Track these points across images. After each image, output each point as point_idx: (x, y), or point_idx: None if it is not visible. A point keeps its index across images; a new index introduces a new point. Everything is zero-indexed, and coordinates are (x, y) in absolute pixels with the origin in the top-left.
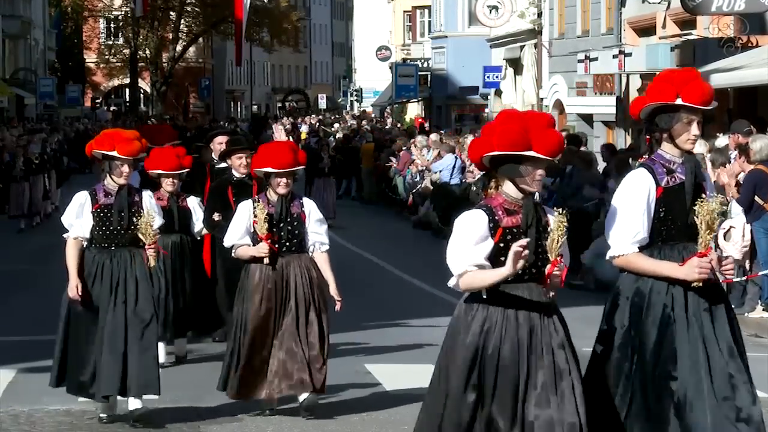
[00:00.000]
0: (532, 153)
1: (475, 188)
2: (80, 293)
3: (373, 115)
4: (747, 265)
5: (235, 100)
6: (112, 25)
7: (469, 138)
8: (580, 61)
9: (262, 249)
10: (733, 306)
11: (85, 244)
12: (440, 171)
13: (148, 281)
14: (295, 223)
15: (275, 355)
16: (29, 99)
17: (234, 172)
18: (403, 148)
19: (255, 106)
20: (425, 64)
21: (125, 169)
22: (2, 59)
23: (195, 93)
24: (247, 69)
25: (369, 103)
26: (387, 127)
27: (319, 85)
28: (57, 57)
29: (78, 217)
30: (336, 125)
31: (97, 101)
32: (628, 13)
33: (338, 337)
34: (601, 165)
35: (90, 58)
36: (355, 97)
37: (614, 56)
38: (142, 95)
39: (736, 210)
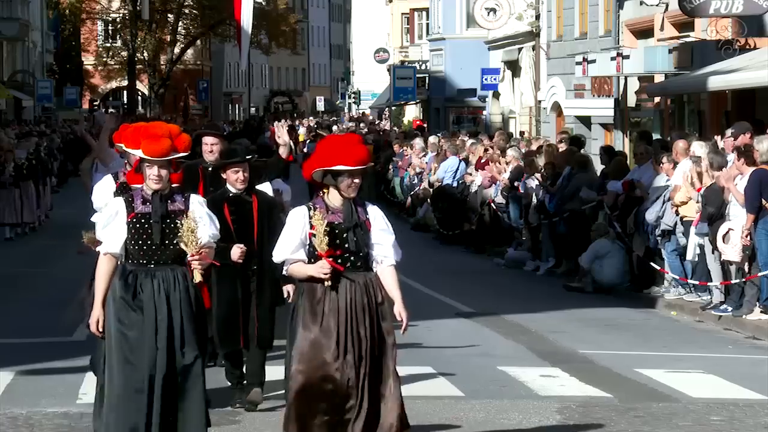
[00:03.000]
0: None
1: (474, 190)
2: (100, 330)
3: (371, 117)
4: (746, 267)
5: (234, 103)
6: (110, 28)
7: (469, 140)
8: (578, 63)
9: (323, 268)
10: (731, 308)
11: (119, 260)
12: (444, 172)
13: (193, 308)
14: (362, 233)
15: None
16: (27, 101)
17: (229, 186)
18: (401, 150)
19: (253, 108)
20: (423, 67)
21: (155, 171)
22: (0, 61)
23: (193, 95)
24: (246, 71)
25: (367, 105)
26: (386, 128)
27: (317, 87)
28: (55, 59)
29: (109, 230)
30: (334, 127)
31: (95, 103)
32: (626, 16)
33: None
34: (601, 167)
35: (88, 60)
36: (353, 100)
37: (612, 58)
38: (140, 97)
39: (735, 212)
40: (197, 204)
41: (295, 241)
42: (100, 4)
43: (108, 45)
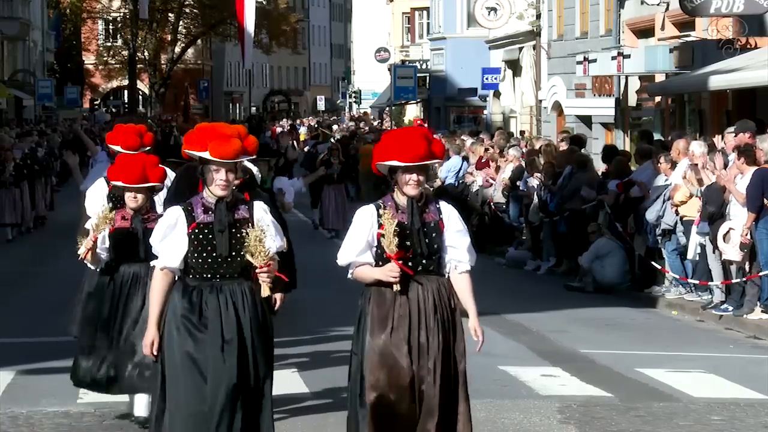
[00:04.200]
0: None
1: (475, 190)
2: (155, 353)
3: (371, 117)
4: (746, 267)
5: (234, 102)
6: (110, 27)
7: (468, 139)
8: (578, 62)
9: (392, 271)
10: (731, 307)
11: (177, 276)
12: (447, 172)
13: (261, 324)
14: (433, 235)
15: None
16: (28, 100)
17: None
18: None
19: (254, 108)
20: (424, 66)
21: (222, 176)
22: (1, 61)
23: (194, 94)
24: (246, 70)
25: (368, 104)
26: (385, 128)
27: (317, 86)
28: (56, 58)
29: (167, 242)
30: (335, 126)
31: (95, 103)
32: (626, 15)
33: (338, 337)
34: (603, 166)
35: (89, 59)
36: (354, 99)
37: (613, 58)
38: (140, 97)
39: (735, 212)
40: (262, 212)
41: (362, 242)
42: (100, 4)
43: (109, 44)
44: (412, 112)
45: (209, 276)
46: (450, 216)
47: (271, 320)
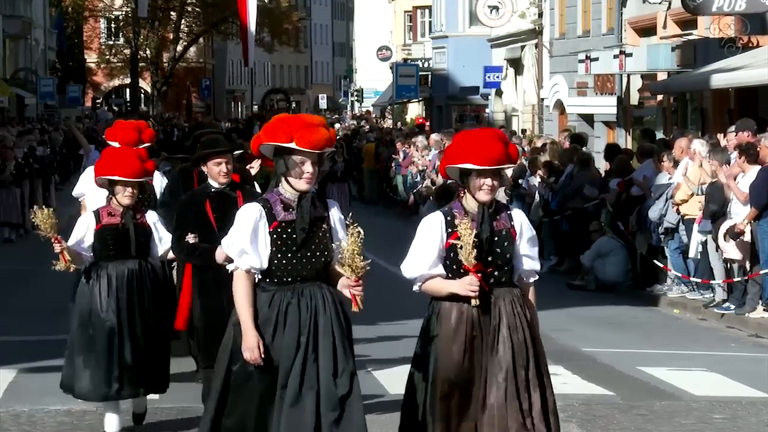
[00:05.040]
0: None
1: None
2: (262, 354)
3: (374, 116)
4: (747, 265)
5: (236, 100)
6: (112, 25)
7: None
8: (580, 61)
9: (472, 285)
10: (733, 306)
11: (258, 277)
12: None
13: (345, 337)
14: (505, 244)
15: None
16: (30, 99)
17: (211, 181)
18: (403, 148)
19: (255, 106)
20: (426, 64)
21: (308, 168)
22: (3, 59)
23: (196, 93)
24: (248, 69)
25: (369, 103)
26: (387, 126)
27: (319, 85)
28: (57, 57)
29: (250, 241)
30: (336, 125)
31: (97, 101)
32: (628, 14)
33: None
34: (605, 165)
35: (90, 58)
36: (356, 98)
37: (615, 56)
38: (142, 95)
39: (736, 210)
40: (338, 212)
41: (433, 253)
42: (102, 2)
43: (111, 43)
44: (414, 110)
45: (289, 279)
46: (522, 223)
47: (350, 324)
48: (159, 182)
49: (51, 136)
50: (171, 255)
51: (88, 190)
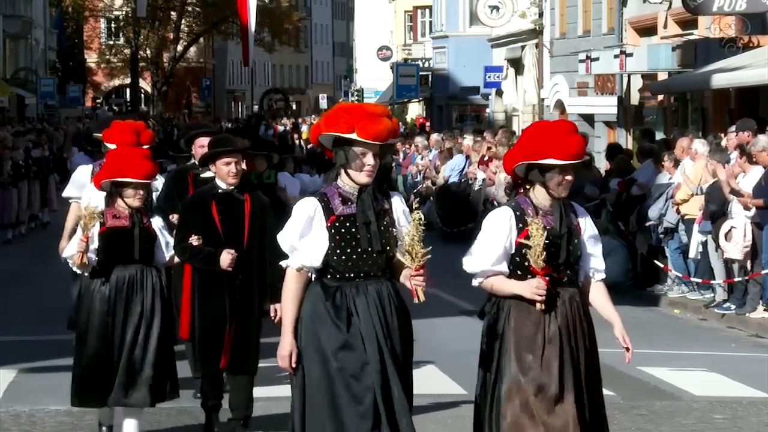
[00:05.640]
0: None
1: (477, 188)
2: (294, 363)
3: None
4: (748, 265)
5: (236, 100)
6: (112, 25)
7: (468, 138)
8: (581, 61)
9: (539, 288)
10: (734, 306)
11: (313, 276)
12: (451, 170)
13: (408, 330)
14: (576, 241)
15: None
16: (30, 99)
17: (219, 182)
18: (403, 148)
19: (256, 106)
20: (426, 64)
21: (370, 160)
22: (3, 59)
23: (196, 93)
24: (248, 69)
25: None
26: None
27: (320, 85)
28: (58, 57)
29: (302, 238)
30: None
31: (98, 101)
32: (629, 13)
33: None
34: (606, 164)
35: (91, 58)
36: (356, 97)
37: (615, 56)
38: (142, 95)
39: (737, 210)
40: (403, 205)
41: (499, 249)
42: (102, 2)
43: (111, 43)
44: (415, 110)
45: (352, 275)
46: (586, 219)
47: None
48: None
49: (51, 135)
50: (177, 260)
51: (83, 193)
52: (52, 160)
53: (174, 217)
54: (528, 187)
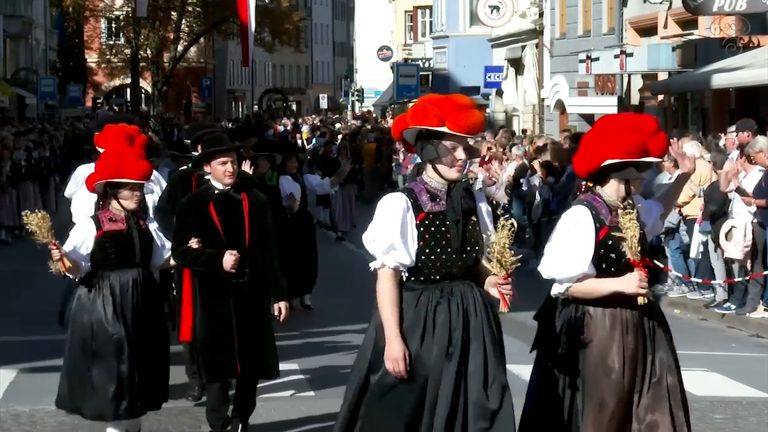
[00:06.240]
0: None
1: (478, 188)
2: (407, 367)
3: (374, 115)
4: (749, 265)
5: (237, 100)
6: (113, 25)
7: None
8: (581, 61)
9: (642, 281)
10: (734, 306)
11: (404, 276)
12: None
13: (497, 343)
14: (644, 235)
15: None
16: (30, 99)
17: (214, 182)
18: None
19: (256, 106)
20: (426, 64)
21: (461, 154)
22: (3, 59)
23: (196, 93)
24: (249, 69)
25: (370, 103)
26: (388, 126)
27: (320, 85)
28: (58, 57)
29: (399, 235)
30: (338, 125)
31: (98, 101)
32: (629, 13)
33: (339, 337)
34: None
35: (91, 57)
36: (357, 97)
37: (616, 56)
38: (143, 95)
39: (738, 210)
40: (485, 202)
41: (588, 251)
42: (103, 2)
43: (111, 43)
44: None
45: (438, 277)
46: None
47: (501, 332)
48: (160, 184)
49: (51, 135)
50: (172, 262)
51: (75, 197)
52: (53, 161)
53: (195, 243)
54: (591, 185)
